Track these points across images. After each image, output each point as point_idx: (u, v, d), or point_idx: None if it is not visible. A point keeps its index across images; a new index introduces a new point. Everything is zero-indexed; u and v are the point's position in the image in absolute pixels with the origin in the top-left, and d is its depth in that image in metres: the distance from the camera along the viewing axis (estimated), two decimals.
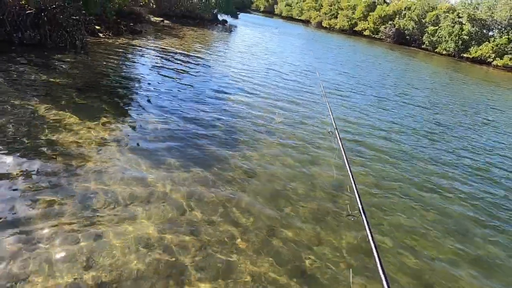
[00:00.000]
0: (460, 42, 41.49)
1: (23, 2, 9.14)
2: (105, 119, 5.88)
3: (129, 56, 11.02)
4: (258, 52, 17.14)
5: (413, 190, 5.51)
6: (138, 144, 5.28)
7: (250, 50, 17.58)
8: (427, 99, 13.38)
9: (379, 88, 13.55)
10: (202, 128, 6.31)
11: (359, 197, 2.49)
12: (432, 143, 8.06)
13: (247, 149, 5.83)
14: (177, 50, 13.47)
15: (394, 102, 11.57)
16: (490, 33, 42.61)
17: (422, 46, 46.12)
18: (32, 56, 8.77)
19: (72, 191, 3.93)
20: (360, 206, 2.38)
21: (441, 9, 46.01)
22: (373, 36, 50.63)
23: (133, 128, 5.81)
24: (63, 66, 8.52)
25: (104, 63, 9.61)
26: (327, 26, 57.27)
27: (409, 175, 6.04)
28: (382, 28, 49.96)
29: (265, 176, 5.09)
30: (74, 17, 10.64)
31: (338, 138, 3.78)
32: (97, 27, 14.18)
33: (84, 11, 9.89)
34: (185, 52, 13.38)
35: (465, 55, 41.43)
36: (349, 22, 54.58)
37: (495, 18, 41.26)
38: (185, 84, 8.96)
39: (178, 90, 8.32)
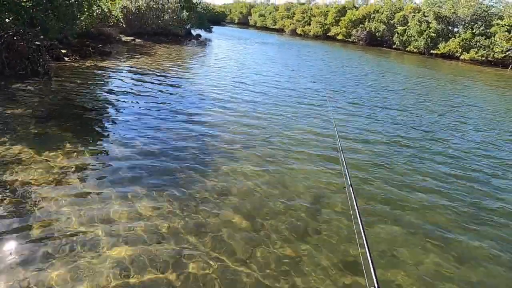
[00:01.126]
0: (429, 39, 43.14)
1: None
2: (65, 149, 5.49)
3: (95, 79, 10.64)
4: (230, 66, 17.01)
5: (391, 197, 5.39)
6: (100, 177, 4.92)
7: (222, 64, 17.46)
8: (402, 101, 13.14)
9: (353, 93, 13.59)
10: (171, 153, 5.94)
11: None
12: (410, 149, 7.68)
13: (218, 173, 5.57)
14: (146, 70, 13.16)
15: (370, 108, 11.21)
16: (455, 29, 44.57)
17: (393, 46, 47.63)
18: None
19: (23, 238, 3.54)
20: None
21: (407, 9, 47.88)
22: (346, 39, 51.95)
23: (96, 157, 5.44)
24: (22, 95, 8.06)
25: (68, 88, 9.20)
26: (301, 33, 58.42)
27: (387, 185, 5.93)
28: (353, 31, 51.37)
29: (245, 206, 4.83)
30: (35, 43, 10.21)
31: (353, 196, 2.73)
32: (63, 50, 13.73)
33: (42, 36, 9.47)
34: (155, 72, 13.09)
35: (434, 51, 43.04)
36: (322, 28, 55.87)
37: (458, 15, 43.26)
38: (153, 106, 8.61)
39: (145, 113, 7.96)
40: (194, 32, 32.84)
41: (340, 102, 11.39)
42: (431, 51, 43.33)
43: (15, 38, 10.05)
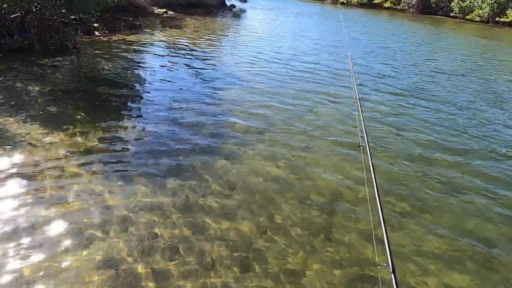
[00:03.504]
0: (496, 5, 37.27)
1: (5, 5, 8.78)
2: (75, 129, 5.39)
3: (120, 54, 10.49)
4: (259, 41, 15.88)
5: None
6: (105, 162, 4.72)
7: (251, 39, 16.48)
8: (457, 88, 10.58)
9: (394, 78, 12.05)
10: (183, 138, 5.55)
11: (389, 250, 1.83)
12: (452, 169, 5.77)
13: (230, 161, 5.12)
14: (171, 45, 12.76)
15: (413, 98, 9.42)
16: None
17: (451, 14, 42.05)
18: (17, 62, 8.48)
19: (17, 226, 3.45)
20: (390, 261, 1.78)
21: None
22: (395, 7, 46.89)
23: (103, 138, 5.26)
24: (46, 71, 8.14)
25: (92, 65, 9.16)
26: (344, 1, 53.82)
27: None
28: None
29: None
30: (67, 16, 10.21)
31: (370, 157, 2.57)
32: (95, 24, 13.80)
33: (64, 10, 9.38)
34: (179, 47, 12.66)
35: (501, 19, 37.23)
36: None
37: None
38: (170, 85, 8.25)
39: (161, 93, 7.59)
40: (228, 2, 31.55)
41: (373, 89, 10.12)
42: (497, 18, 37.56)
43: (48, 13, 10.11)
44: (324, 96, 8.29)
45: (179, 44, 12.70)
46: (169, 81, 8.38)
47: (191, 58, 10.76)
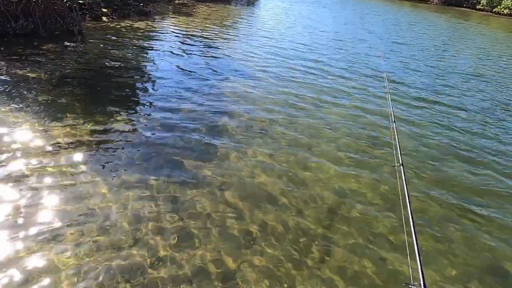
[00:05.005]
0: None
1: None
2: (68, 119, 5.18)
3: (126, 41, 10.22)
4: (272, 32, 15.38)
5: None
6: (93, 156, 4.50)
7: (263, 29, 15.91)
8: (483, 95, 10.06)
9: (429, 80, 11.34)
10: (181, 132, 5.30)
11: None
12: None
13: (226, 161, 4.81)
14: (178, 33, 12.38)
15: (438, 110, 8.97)
16: None
17: (477, 6, 39.76)
18: (20, 46, 8.33)
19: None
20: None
21: None
22: None
23: (96, 130, 5.03)
24: (48, 56, 7.96)
25: (96, 51, 8.92)
26: None
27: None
28: None
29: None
30: (74, 0, 9.99)
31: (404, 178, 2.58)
32: (104, 9, 13.56)
33: None
34: (185, 36, 12.27)
35: None
36: None
37: None
38: (171, 76, 7.95)
39: (166, 82, 7.34)
40: None
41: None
42: None
43: None
44: (328, 97, 7.83)
45: (187, 33, 12.33)
46: (172, 72, 8.07)
47: (197, 49, 10.40)
